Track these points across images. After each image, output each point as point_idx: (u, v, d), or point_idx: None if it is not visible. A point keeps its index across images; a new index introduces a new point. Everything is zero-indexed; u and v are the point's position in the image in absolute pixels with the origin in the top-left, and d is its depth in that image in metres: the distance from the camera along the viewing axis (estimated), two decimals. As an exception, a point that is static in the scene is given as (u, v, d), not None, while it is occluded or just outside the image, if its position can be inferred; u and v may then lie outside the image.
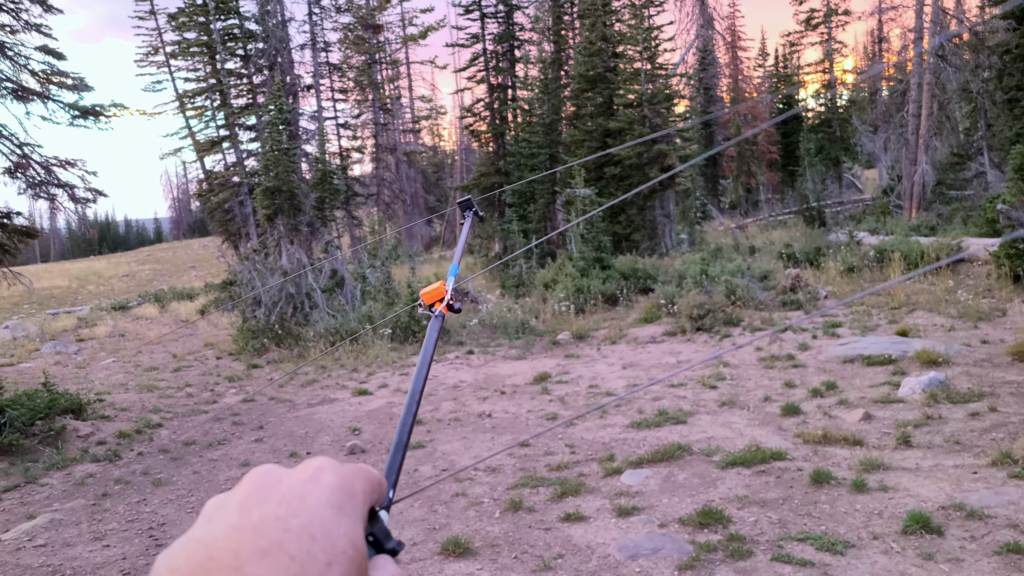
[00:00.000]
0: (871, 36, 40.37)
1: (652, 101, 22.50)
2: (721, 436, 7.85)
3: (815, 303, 14.56)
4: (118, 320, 23.01)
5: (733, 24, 43.03)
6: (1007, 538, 5.06)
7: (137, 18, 29.27)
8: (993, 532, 5.20)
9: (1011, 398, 8.13)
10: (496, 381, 11.48)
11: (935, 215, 22.67)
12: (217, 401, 11.72)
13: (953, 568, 4.80)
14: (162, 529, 6.63)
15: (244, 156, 25.52)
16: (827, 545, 5.20)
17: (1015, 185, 13.94)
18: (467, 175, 37.56)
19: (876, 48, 39.71)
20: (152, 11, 29.10)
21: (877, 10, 35.11)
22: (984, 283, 14.25)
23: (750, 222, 31.82)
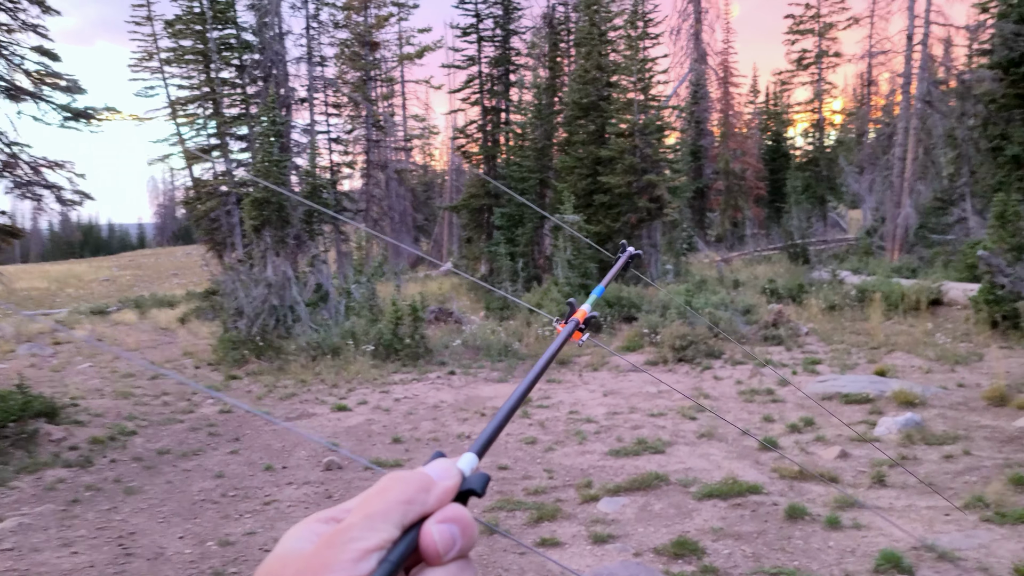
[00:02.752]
0: (860, 79, 41.03)
1: (644, 131, 22.71)
2: (699, 467, 7.87)
3: (796, 339, 14.67)
4: (96, 325, 22.81)
5: (726, 60, 43.59)
6: (977, 581, 5.10)
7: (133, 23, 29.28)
8: (963, 574, 5.24)
9: (985, 442, 8.22)
10: (477, 403, 11.46)
11: (917, 258, 22.94)
12: (194, 411, 11.62)
13: (923, 609, 4.83)
14: (132, 538, 6.55)
15: (234, 166, 25.48)
16: (800, 581, 5.22)
17: (996, 232, 14.15)
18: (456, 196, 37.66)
19: (865, 91, 40.31)
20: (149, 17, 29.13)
21: (867, 54, 35.68)
22: (962, 327, 14.42)
23: (735, 256, 32.06)
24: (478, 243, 26.83)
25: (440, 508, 0.51)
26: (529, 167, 24.37)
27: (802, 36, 41.22)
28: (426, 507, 0.50)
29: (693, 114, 39.72)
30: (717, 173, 39.28)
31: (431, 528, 0.49)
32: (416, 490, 0.51)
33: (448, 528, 0.50)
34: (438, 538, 0.49)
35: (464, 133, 28.20)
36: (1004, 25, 20.94)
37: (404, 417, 10.74)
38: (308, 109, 28.64)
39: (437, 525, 0.50)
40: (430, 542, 0.49)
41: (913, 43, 24.21)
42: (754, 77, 65.06)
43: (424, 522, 0.50)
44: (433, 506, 0.51)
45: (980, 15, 23.39)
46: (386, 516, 0.48)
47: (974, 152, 22.47)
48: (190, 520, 6.98)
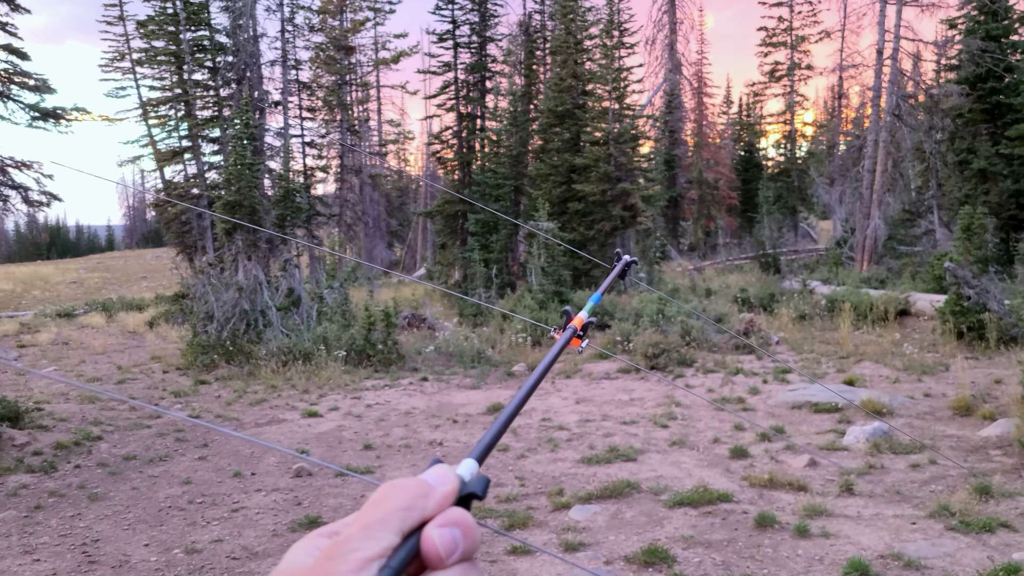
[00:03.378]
0: (831, 92, 41.57)
1: (618, 140, 22.84)
2: (670, 475, 7.90)
3: (767, 348, 14.80)
4: (63, 328, 22.44)
5: (700, 71, 44.00)
6: (942, 589, 5.16)
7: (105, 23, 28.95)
8: (929, 583, 5.30)
9: (950, 451, 8.33)
10: (449, 409, 11.42)
11: (885, 269, 23.26)
12: (161, 416, 11.44)
13: (890, 617, 4.88)
14: (96, 546, 6.43)
15: (206, 168, 25.23)
16: (769, 589, 5.24)
17: (962, 244, 14.40)
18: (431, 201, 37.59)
19: (836, 103, 40.87)
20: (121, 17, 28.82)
21: (838, 67, 36.17)
22: (929, 338, 14.63)
23: (708, 265, 32.30)
24: (452, 249, 26.79)
25: (439, 512, 0.51)
26: (504, 174, 24.39)
27: (775, 48, 41.73)
28: (425, 512, 0.50)
29: (667, 124, 40.02)
30: (690, 182, 39.59)
31: (432, 532, 0.49)
32: (414, 496, 0.51)
33: (449, 531, 0.49)
34: (439, 542, 0.49)
35: (439, 139, 28.17)
36: (971, 41, 21.35)
37: (376, 424, 10.67)
38: (282, 112, 28.46)
39: (438, 529, 0.49)
40: (431, 546, 0.48)
41: (883, 57, 24.59)
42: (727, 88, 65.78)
43: (424, 528, 0.50)
44: (433, 511, 0.51)
45: (948, 31, 23.84)
46: (385, 524, 0.48)
47: (941, 165, 22.86)
48: (156, 527, 6.87)
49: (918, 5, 24.69)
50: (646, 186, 23.98)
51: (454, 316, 20.77)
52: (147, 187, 30.25)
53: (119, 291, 39.05)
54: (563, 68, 24.44)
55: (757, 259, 29.36)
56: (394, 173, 47.68)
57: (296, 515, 7.04)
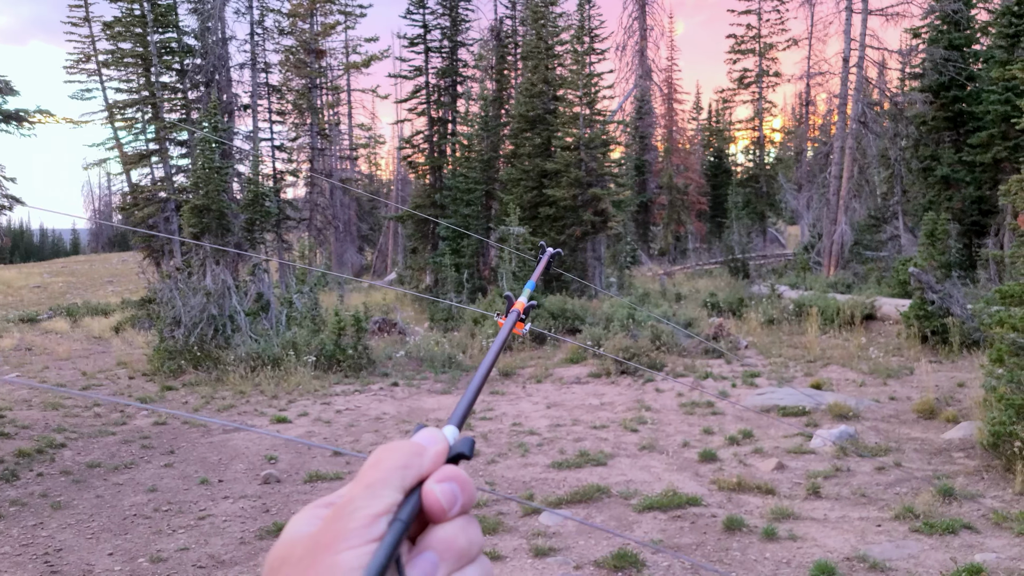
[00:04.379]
0: (799, 99, 42.11)
1: (589, 145, 22.93)
2: (640, 479, 7.93)
3: (736, 352, 14.93)
4: (26, 333, 22.04)
5: (670, 77, 44.35)
6: (907, 590, 5.24)
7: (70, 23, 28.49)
8: (894, 584, 5.38)
9: (915, 454, 8.46)
10: (420, 415, 11.38)
11: (852, 273, 23.58)
12: (127, 423, 11.28)
13: (855, 618, 4.93)
14: (59, 555, 6.32)
15: (173, 172, 24.91)
16: (737, 592, 5.28)
17: (926, 250, 14.62)
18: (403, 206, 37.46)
19: (803, 110, 41.40)
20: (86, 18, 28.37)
21: (806, 75, 36.69)
22: (894, 342, 14.86)
23: (677, 269, 32.53)
24: (423, 253, 26.71)
25: (434, 470, 0.53)
26: (475, 179, 24.38)
27: (743, 56, 42.16)
28: (422, 470, 0.52)
29: (638, 129, 40.27)
30: (660, 188, 39.85)
31: (432, 487, 0.51)
32: (410, 455, 0.53)
33: (449, 486, 0.52)
34: (440, 496, 0.51)
35: (410, 143, 28.09)
36: (934, 50, 21.75)
37: (345, 429, 10.60)
38: (251, 116, 28.21)
39: (438, 484, 0.51)
40: (434, 500, 0.51)
41: (849, 65, 24.96)
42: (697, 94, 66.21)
43: (423, 485, 0.52)
44: (428, 468, 0.53)
45: (912, 40, 24.27)
46: (386, 482, 0.50)
47: (906, 172, 23.24)
48: (120, 536, 6.76)
49: (883, 14, 25.10)
50: (616, 191, 24.09)
51: (425, 321, 20.70)
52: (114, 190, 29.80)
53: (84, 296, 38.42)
54: (534, 73, 24.50)
55: (726, 264, 29.62)
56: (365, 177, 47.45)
57: (264, 522, 6.97)
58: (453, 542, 0.51)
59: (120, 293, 38.02)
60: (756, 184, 40.90)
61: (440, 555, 0.50)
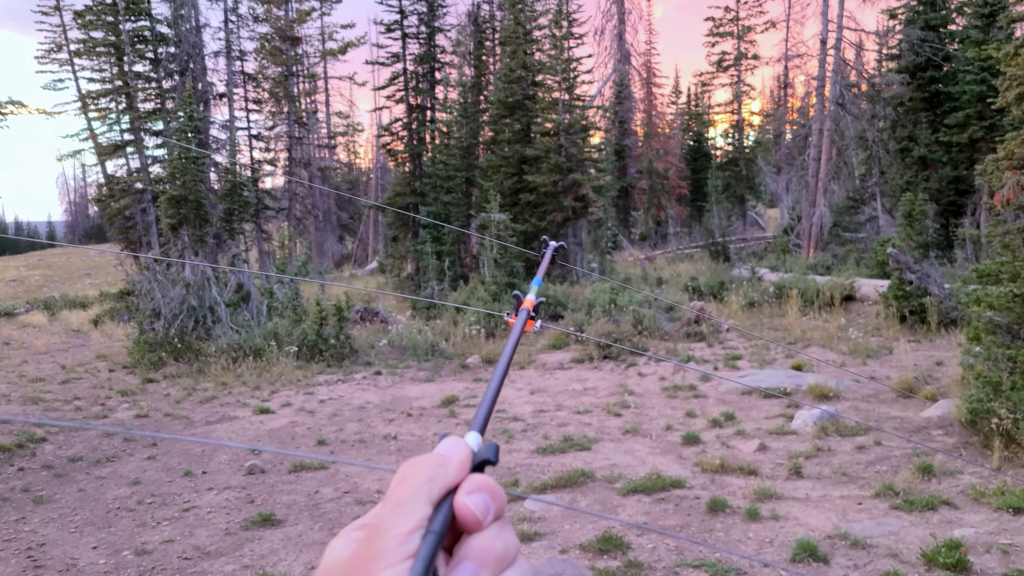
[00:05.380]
0: (778, 81, 42.24)
1: (569, 131, 22.91)
2: (624, 463, 7.98)
3: (718, 335, 15.02)
4: (3, 327, 21.78)
5: (649, 61, 44.30)
6: (887, 567, 5.31)
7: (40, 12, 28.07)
8: (875, 561, 5.45)
9: (895, 432, 8.56)
10: (403, 403, 11.37)
11: (831, 255, 23.76)
12: (108, 416, 11.20)
13: (838, 595, 5.00)
14: (42, 549, 6.27)
15: (149, 162, 24.64)
16: (720, 572, 5.34)
17: (904, 230, 14.76)
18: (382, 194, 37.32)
19: (782, 93, 41.54)
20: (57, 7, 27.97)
21: (784, 57, 36.79)
22: (873, 322, 15.00)
23: (659, 254, 32.64)
24: (404, 242, 26.61)
25: (460, 480, 0.53)
26: (455, 166, 24.29)
27: (722, 39, 42.24)
28: (447, 480, 0.52)
29: (617, 114, 40.24)
30: (641, 172, 39.90)
31: (463, 500, 0.51)
32: (434, 468, 0.53)
33: (479, 496, 0.52)
34: (474, 507, 0.51)
35: (389, 131, 27.92)
36: (911, 31, 21.87)
37: (329, 419, 10.58)
38: (228, 104, 27.92)
39: (468, 496, 0.52)
40: (467, 512, 0.51)
41: (827, 47, 25.05)
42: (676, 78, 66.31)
43: (452, 497, 0.52)
44: (454, 478, 0.53)
45: (889, 21, 24.39)
46: (414, 498, 0.50)
47: (884, 153, 23.40)
48: (104, 529, 6.72)
49: (860, -4, 25.18)
50: (597, 176, 24.10)
51: (407, 309, 20.67)
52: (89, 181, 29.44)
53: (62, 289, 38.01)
54: (512, 59, 24.41)
55: (707, 248, 29.75)
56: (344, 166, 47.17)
57: (249, 513, 6.95)
58: (490, 549, 0.51)
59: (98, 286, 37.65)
60: (736, 167, 41.08)
61: (480, 563, 0.50)
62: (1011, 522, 5.98)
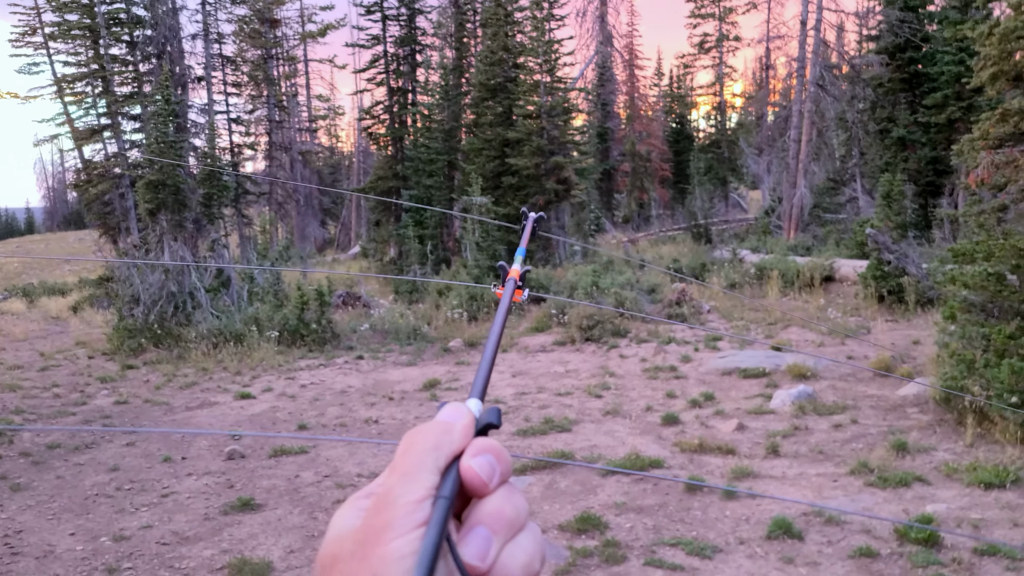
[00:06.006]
0: (760, 63, 42.24)
1: (550, 113, 22.84)
2: (604, 444, 8.03)
3: (699, 317, 15.09)
4: (-19, 315, 21.56)
5: (631, 43, 44.18)
6: (861, 542, 5.39)
7: (14, -5, 27.56)
8: (848, 537, 5.52)
9: (871, 411, 8.66)
10: (385, 387, 11.37)
11: (811, 236, 23.88)
12: (87, 403, 11.13)
13: (811, 571, 5.07)
14: (19, 537, 6.24)
15: (127, 147, 24.36)
16: (697, 550, 5.39)
17: (882, 211, 14.86)
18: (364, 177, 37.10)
19: (764, 75, 41.56)
20: (31, -11, 27.47)
21: (765, 38, 36.79)
22: (852, 302, 15.12)
23: (641, 236, 32.70)
24: (387, 226, 26.50)
25: (465, 445, 0.52)
26: (437, 149, 24.18)
27: (703, 20, 42.15)
28: (453, 446, 0.52)
29: (599, 96, 40.15)
30: (623, 155, 39.88)
31: (469, 463, 0.51)
32: (439, 435, 0.52)
33: (485, 458, 0.51)
34: (479, 469, 0.50)
35: (370, 114, 27.73)
36: (890, 12, 21.90)
37: (310, 403, 10.57)
38: (206, 88, 27.61)
39: (474, 459, 0.51)
40: (473, 475, 0.50)
41: (807, 28, 25.07)
42: (658, 60, 66.26)
43: (459, 462, 0.51)
44: (460, 443, 0.52)
45: (869, 2, 24.44)
46: (421, 466, 0.50)
47: (863, 134, 23.49)
48: (82, 516, 6.70)
49: (840, -24, 25.21)
50: (579, 159, 24.08)
51: (390, 293, 20.62)
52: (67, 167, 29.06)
53: (41, 275, 37.64)
54: (494, 41, 24.28)
55: (689, 230, 29.83)
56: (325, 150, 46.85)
57: (228, 498, 6.95)
58: (501, 513, 0.50)
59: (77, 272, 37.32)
60: (718, 150, 41.13)
61: (491, 528, 0.49)
62: (982, 497, 6.08)
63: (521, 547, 0.50)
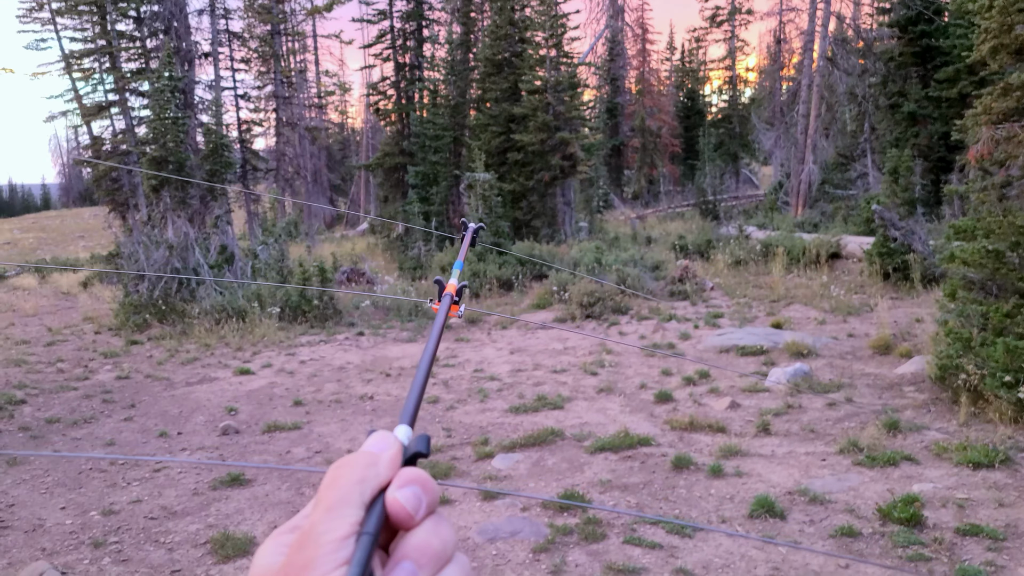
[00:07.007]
0: (772, 36, 41.68)
1: (556, 88, 22.65)
2: (595, 422, 8.02)
3: (702, 294, 15.01)
4: (-8, 290, 21.76)
5: (642, 17, 43.69)
6: (843, 522, 5.37)
7: (22, -29, 27.51)
8: (831, 516, 5.51)
9: (867, 389, 8.61)
10: (383, 363, 11.40)
11: (819, 213, 23.67)
12: (89, 378, 11.23)
13: (790, 550, 5.06)
14: (10, 510, 6.32)
15: (135, 123, 24.39)
16: (677, 528, 5.39)
17: (889, 187, 14.69)
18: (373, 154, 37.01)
19: (777, 48, 41.03)
20: (39, -36, 27.40)
21: (778, 11, 36.26)
22: (857, 279, 15.00)
23: (650, 213, 32.52)
24: (394, 203, 26.47)
25: (392, 476, 0.52)
26: (443, 125, 24.05)
27: (715, -7, 41.59)
28: (379, 478, 0.51)
29: (609, 71, 39.80)
30: (633, 131, 39.57)
31: (394, 495, 0.50)
32: (364, 467, 0.51)
33: (410, 490, 0.50)
34: (404, 502, 0.50)
35: (377, 90, 27.61)
36: (902, -15, 21.52)
37: (308, 379, 10.61)
38: (213, 64, 27.55)
39: (399, 491, 0.50)
40: (398, 508, 0.49)
41: (817, 1, 24.68)
42: (670, 34, 65.35)
43: (384, 495, 0.51)
44: (385, 475, 0.51)
45: (882, -26, 23.98)
46: (345, 500, 0.49)
47: (874, 109, 23.18)
48: (74, 490, 6.77)
49: (853, -52, 24.76)
50: (586, 135, 23.90)
51: (395, 270, 20.64)
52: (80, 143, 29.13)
53: (55, 251, 37.97)
54: (500, 15, 24.05)
55: (698, 206, 29.63)
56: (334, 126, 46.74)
57: (219, 473, 7.01)
58: (427, 547, 0.49)
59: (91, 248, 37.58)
60: (729, 125, 40.73)
61: (417, 562, 0.49)
62: (970, 477, 6.04)
63: None
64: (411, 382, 0.67)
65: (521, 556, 5.13)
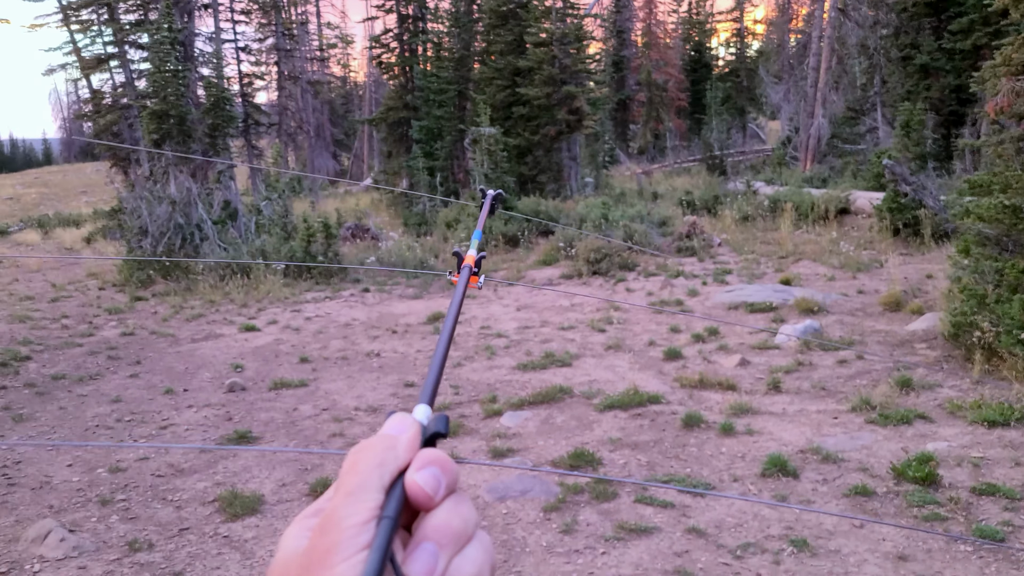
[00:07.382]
0: (782, -13, 40.84)
1: (562, 41, 22.23)
2: (603, 379, 7.96)
3: (709, 250, 14.87)
4: (-6, 246, 21.69)
5: (649, -33, 42.77)
6: (856, 481, 5.31)
7: (16, -81, 26.91)
8: (844, 475, 5.45)
9: (878, 346, 8.52)
10: (389, 320, 11.33)
11: (828, 168, 23.37)
12: (94, 334, 11.18)
13: (804, 509, 5.01)
14: (17, 467, 6.30)
15: (135, 76, 24.03)
16: (689, 487, 5.34)
17: (900, 141, 14.46)
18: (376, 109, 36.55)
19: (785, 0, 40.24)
20: (33, -88, 26.79)
21: (788, -39, 35.47)
22: (867, 235, 14.82)
23: (656, 168, 32.18)
24: (398, 158, 26.19)
25: (411, 458, 0.51)
26: (447, 78, 23.67)
27: (725, -58, 40.65)
28: (399, 461, 0.51)
29: (615, 24, 39.09)
30: (639, 84, 38.99)
31: (413, 478, 0.50)
32: (383, 451, 0.51)
33: (429, 471, 0.50)
34: (423, 483, 0.49)
35: (380, 42, 27.12)
36: (918, -68, 20.94)
37: (313, 336, 10.56)
38: (212, 16, 27.03)
39: (418, 473, 0.50)
40: (417, 490, 0.49)
41: (831, -50, 24.09)
42: (679, -15, 64.10)
43: (404, 475, 0.50)
44: (404, 458, 0.51)
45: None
46: (365, 485, 0.49)
47: (886, 62, 22.73)
48: (81, 447, 6.75)
49: None
50: (593, 89, 23.51)
51: (399, 226, 20.49)
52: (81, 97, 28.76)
53: (57, 207, 37.84)
54: (505, -36, 23.49)
55: (705, 161, 29.30)
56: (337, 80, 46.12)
57: (226, 430, 6.97)
58: (448, 527, 0.49)
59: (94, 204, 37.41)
60: (736, 78, 40.10)
61: (438, 543, 0.48)
62: (985, 435, 5.97)
63: (469, 559, 0.49)
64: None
65: (532, 515, 5.09)
